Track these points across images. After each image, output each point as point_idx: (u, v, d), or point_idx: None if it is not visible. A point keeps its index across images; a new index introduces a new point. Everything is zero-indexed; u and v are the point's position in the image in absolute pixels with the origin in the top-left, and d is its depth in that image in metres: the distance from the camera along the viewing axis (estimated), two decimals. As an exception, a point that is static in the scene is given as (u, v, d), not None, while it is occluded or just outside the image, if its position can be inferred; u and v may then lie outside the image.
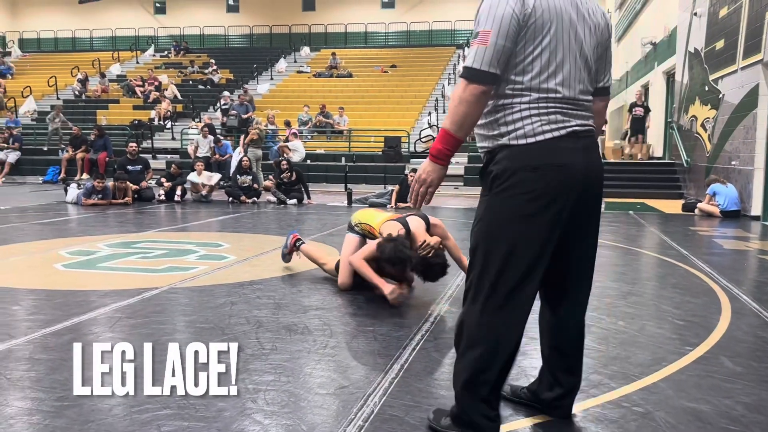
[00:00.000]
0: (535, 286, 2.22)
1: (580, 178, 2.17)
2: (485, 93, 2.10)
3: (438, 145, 2.17)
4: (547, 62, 2.11)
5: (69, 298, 4.36)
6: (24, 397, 2.65)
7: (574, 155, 2.16)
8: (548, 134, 2.12)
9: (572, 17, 2.15)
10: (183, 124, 19.70)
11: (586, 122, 2.23)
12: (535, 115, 2.12)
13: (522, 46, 2.10)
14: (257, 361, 3.08)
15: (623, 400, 2.69)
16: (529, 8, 2.07)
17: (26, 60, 29.09)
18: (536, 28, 2.09)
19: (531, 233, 2.15)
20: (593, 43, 2.23)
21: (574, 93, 2.17)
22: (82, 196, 10.99)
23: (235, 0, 33.50)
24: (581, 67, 2.19)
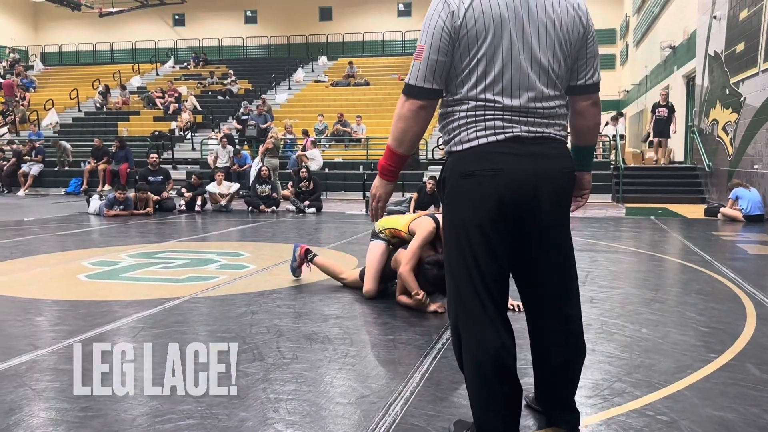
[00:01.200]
0: (490, 293, 2.12)
1: (522, 184, 2.05)
2: (423, 107, 2.10)
3: (382, 161, 2.22)
4: (483, 72, 2.05)
5: (92, 308, 4.40)
6: (49, 408, 2.68)
7: (515, 161, 2.05)
8: (482, 139, 2.07)
9: (517, 20, 2.02)
10: (203, 134, 19.88)
11: (539, 129, 2.09)
12: (472, 123, 2.08)
13: (458, 58, 2.06)
14: (278, 371, 3.09)
15: (648, 408, 2.65)
16: (459, 20, 2.01)
17: (48, 73, 29.57)
18: (469, 39, 2.03)
19: (473, 240, 2.10)
20: (554, 41, 2.06)
21: (519, 101, 2.05)
22: (104, 207, 11.12)
23: (252, 11, 33.81)
24: (531, 72, 2.05)
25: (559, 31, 2.07)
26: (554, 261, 2.21)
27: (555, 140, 2.13)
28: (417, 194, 11.50)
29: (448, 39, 2.03)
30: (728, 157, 12.26)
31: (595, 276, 5.44)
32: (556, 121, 2.13)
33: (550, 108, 2.10)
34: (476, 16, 2.01)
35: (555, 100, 2.11)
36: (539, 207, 2.10)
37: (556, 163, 2.12)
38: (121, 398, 2.77)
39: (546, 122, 2.10)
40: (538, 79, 2.06)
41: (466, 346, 2.17)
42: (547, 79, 2.08)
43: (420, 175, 15.22)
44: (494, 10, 2.01)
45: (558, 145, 2.14)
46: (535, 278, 2.23)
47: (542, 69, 2.06)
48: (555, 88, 2.11)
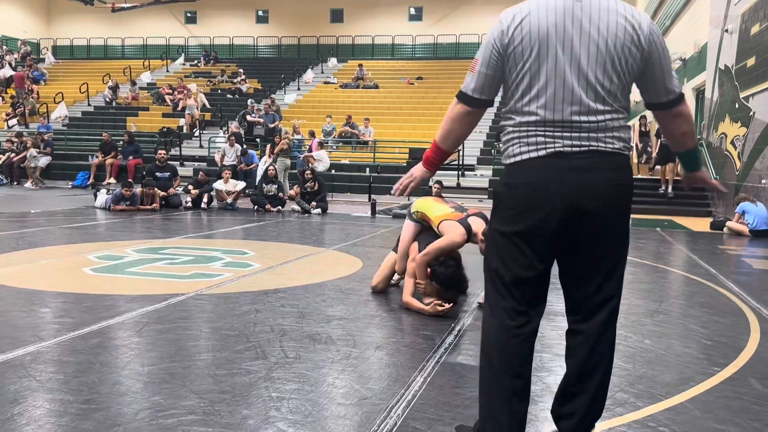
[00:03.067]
0: (515, 300, 2.21)
1: (560, 197, 2.12)
2: (468, 113, 2.32)
3: (428, 152, 2.49)
4: (528, 86, 2.15)
5: (97, 302, 4.42)
6: (52, 399, 2.69)
7: (553, 175, 2.13)
8: (525, 155, 2.18)
9: (566, 38, 2.09)
10: (211, 132, 19.94)
11: (584, 143, 2.13)
12: (516, 138, 2.21)
13: (508, 73, 2.20)
14: (281, 370, 3.10)
15: (649, 419, 2.65)
16: (507, 38, 2.15)
17: (59, 66, 29.71)
18: (516, 55, 2.15)
19: (509, 249, 2.21)
20: (605, 58, 2.11)
21: (561, 115, 2.12)
22: (110, 201, 11.16)
23: (264, 11, 33.91)
24: (577, 87, 2.10)
25: (612, 50, 2.12)
26: (600, 272, 2.23)
27: (605, 153, 2.15)
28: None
29: (497, 55, 2.19)
30: (736, 172, 12.24)
31: (599, 286, 5.44)
32: (607, 134, 2.16)
33: (598, 122, 2.14)
34: (523, 34, 2.13)
35: (605, 114, 2.15)
36: (580, 220, 2.15)
37: (602, 176, 2.15)
38: (124, 392, 2.79)
39: (593, 136, 2.14)
40: (585, 93, 2.12)
41: (482, 338, 2.29)
42: (595, 94, 2.13)
43: (426, 179, 15.23)
44: (541, 28, 2.11)
45: (608, 158, 2.16)
46: (577, 287, 2.28)
47: (589, 84, 2.12)
48: (604, 102, 2.15)
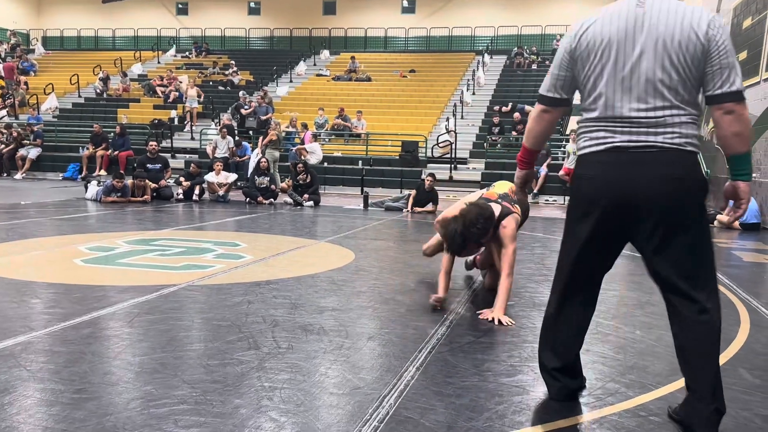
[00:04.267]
0: (577, 281, 2.57)
1: (613, 190, 2.34)
2: (545, 111, 2.55)
3: (519, 154, 2.74)
4: (592, 86, 2.38)
5: (88, 292, 4.40)
6: (43, 389, 2.68)
7: (609, 168, 2.35)
8: (588, 149, 2.43)
9: (627, 39, 2.29)
10: (202, 124, 19.84)
11: (642, 138, 2.30)
12: (584, 133, 2.46)
13: (578, 75, 2.44)
14: (273, 360, 3.09)
15: (640, 409, 2.67)
16: (575, 43, 2.41)
17: (49, 57, 29.47)
18: (582, 59, 2.40)
19: (572, 236, 2.54)
20: (663, 56, 2.26)
21: (621, 111, 2.31)
22: (101, 193, 11.11)
23: (256, 3, 33.73)
24: (636, 85, 2.29)
25: (670, 46, 2.26)
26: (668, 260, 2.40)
27: (663, 148, 2.30)
28: (415, 191, 11.51)
29: (568, 57, 2.45)
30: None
31: (590, 278, 5.47)
32: (667, 130, 2.29)
33: (657, 117, 2.29)
34: (588, 39, 2.37)
35: (665, 110, 2.29)
36: (636, 212, 2.35)
37: (656, 170, 2.30)
38: (115, 381, 2.78)
39: (652, 131, 2.30)
40: (645, 91, 2.29)
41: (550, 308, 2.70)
42: (655, 90, 2.28)
43: (419, 172, 15.24)
44: (605, 32, 2.33)
45: (666, 153, 2.29)
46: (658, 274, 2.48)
47: (648, 81, 2.28)
48: (663, 98, 2.29)
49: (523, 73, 23.76)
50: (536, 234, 8.63)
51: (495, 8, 30.42)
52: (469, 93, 21.31)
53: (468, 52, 27.72)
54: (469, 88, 21.83)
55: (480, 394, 2.76)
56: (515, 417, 2.54)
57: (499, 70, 24.39)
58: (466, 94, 20.81)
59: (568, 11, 29.12)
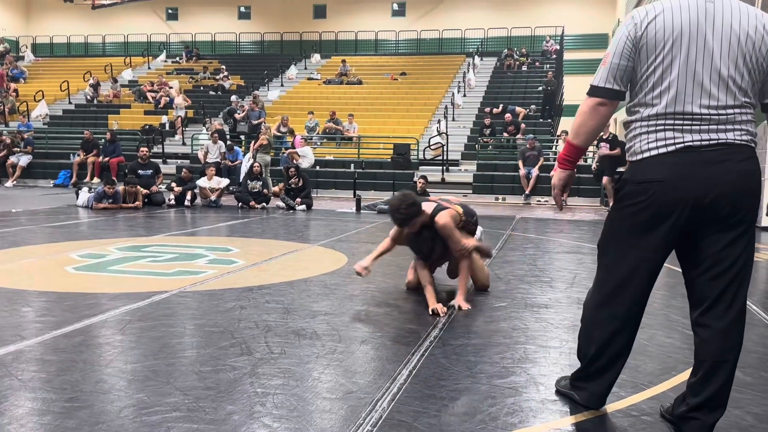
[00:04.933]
0: (634, 292, 2.41)
1: (688, 192, 2.22)
2: (601, 104, 2.34)
3: (561, 153, 2.51)
4: (659, 78, 2.24)
5: (79, 300, 4.39)
6: (35, 398, 2.67)
7: (682, 170, 2.22)
8: (653, 151, 2.27)
9: (699, 33, 2.19)
10: (194, 129, 19.80)
11: (713, 135, 2.21)
12: (644, 133, 2.29)
13: (638, 65, 2.28)
14: (266, 365, 3.09)
15: (632, 409, 2.68)
16: (640, 30, 2.25)
17: (39, 64, 29.34)
18: (648, 48, 2.24)
19: (632, 244, 2.37)
20: (737, 54, 2.20)
21: (691, 107, 2.21)
22: (92, 200, 11.06)
23: (246, 7, 33.69)
24: (707, 81, 2.19)
25: (744, 47, 2.20)
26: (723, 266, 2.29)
27: (734, 145, 2.23)
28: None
29: (631, 46, 2.27)
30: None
31: (582, 278, 5.48)
32: (736, 127, 2.23)
33: (727, 115, 2.22)
34: (657, 28, 2.23)
35: (734, 108, 2.22)
36: (709, 211, 2.24)
37: (734, 167, 2.22)
38: (107, 390, 2.77)
39: (722, 128, 2.22)
40: (717, 87, 2.21)
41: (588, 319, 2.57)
42: (726, 88, 2.21)
43: (411, 175, 15.25)
44: (675, 23, 2.21)
45: (738, 150, 2.23)
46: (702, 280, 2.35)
47: (721, 79, 2.20)
48: (735, 98, 2.22)
49: (514, 74, 23.82)
50: (529, 235, 8.65)
51: (484, 10, 30.52)
52: (460, 95, 21.33)
53: (458, 55, 27.77)
54: (460, 90, 21.87)
55: (473, 397, 2.76)
56: (508, 419, 2.55)
57: (489, 71, 24.45)
58: (457, 96, 20.84)
59: (557, 13, 29.28)
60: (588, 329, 2.56)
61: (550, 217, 11.39)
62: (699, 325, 2.36)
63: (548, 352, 3.44)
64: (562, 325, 3.97)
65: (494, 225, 9.66)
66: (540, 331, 3.83)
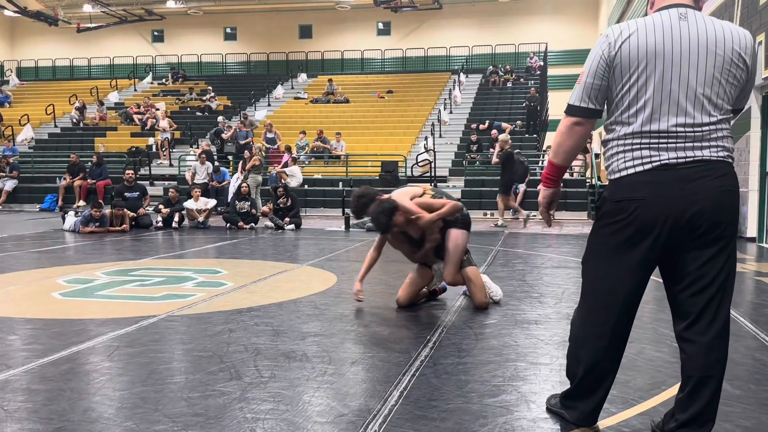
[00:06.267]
0: (619, 310, 2.42)
1: (668, 209, 2.23)
2: (577, 123, 2.38)
3: (544, 171, 2.56)
4: (635, 97, 2.26)
5: (66, 327, 4.34)
6: (21, 429, 2.63)
7: (660, 188, 2.24)
8: (631, 169, 2.29)
9: (674, 54, 2.21)
10: (181, 150, 19.77)
11: (689, 153, 2.23)
12: (621, 152, 2.31)
13: (614, 84, 2.30)
14: (256, 390, 3.07)
15: (623, 425, 2.68)
16: (614, 50, 2.27)
17: (24, 88, 29.24)
18: (623, 67, 2.26)
19: (616, 261, 2.37)
20: (713, 74, 2.22)
21: (666, 125, 2.23)
22: (79, 223, 10.99)
23: (232, 28, 33.82)
24: (683, 100, 2.22)
25: (718, 64, 2.23)
26: (703, 282, 2.30)
27: (710, 162, 2.25)
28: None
29: (604, 65, 2.29)
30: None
31: (571, 293, 5.50)
32: (712, 144, 2.26)
33: (703, 132, 2.24)
34: (631, 48, 2.24)
35: (709, 126, 2.25)
36: (689, 228, 2.26)
37: (710, 183, 2.24)
38: (95, 418, 2.74)
39: (698, 145, 2.24)
40: (692, 105, 2.23)
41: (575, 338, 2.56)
42: (702, 106, 2.24)
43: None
44: (649, 44, 2.23)
45: (714, 166, 2.25)
46: (683, 296, 2.36)
47: (696, 97, 2.23)
48: (710, 115, 2.25)
49: (499, 90, 24.01)
50: (518, 250, 8.68)
51: (469, 28, 30.80)
52: (447, 112, 21.47)
53: (444, 72, 27.98)
54: (446, 107, 22.01)
55: (464, 417, 2.75)
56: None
57: (475, 88, 24.63)
58: (444, 113, 20.97)
59: (540, 29, 29.61)
60: (575, 348, 2.55)
61: (538, 232, 11.43)
62: (683, 339, 2.37)
63: (539, 369, 3.44)
64: (552, 342, 3.97)
65: (483, 240, 9.68)
66: (530, 348, 3.83)
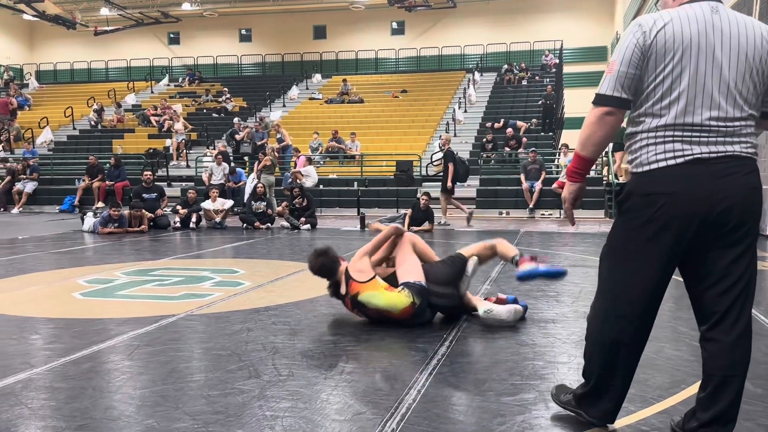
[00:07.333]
0: (641, 306, 2.36)
1: (698, 204, 2.19)
2: (608, 113, 2.28)
3: (570, 165, 2.45)
4: (668, 89, 2.21)
5: (87, 326, 4.40)
6: (45, 427, 2.67)
7: (691, 182, 2.20)
8: (661, 162, 2.23)
9: (708, 45, 2.18)
10: (197, 152, 19.91)
11: (720, 147, 2.21)
12: (651, 145, 2.25)
13: (645, 74, 2.24)
14: (274, 388, 3.09)
15: (642, 423, 2.67)
16: (649, 39, 2.20)
17: (43, 91, 29.59)
18: (657, 57, 2.20)
19: (641, 256, 2.31)
20: (745, 68, 2.21)
21: (700, 119, 2.19)
22: (98, 224, 11.11)
23: (247, 30, 34.00)
24: (716, 93, 2.19)
25: (752, 61, 2.22)
26: (729, 281, 2.28)
27: (740, 158, 2.24)
28: (411, 210, 11.54)
29: (639, 54, 2.22)
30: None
31: (588, 291, 5.47)
32: (741, 140, 2.24)
33: (734, 127, 2.22)
34: (666, 38, 2.19)
35: (740, 121, 2.23)
36: (717, 224, 2.22)
37: (741, 180, 2.23)
38: (117, 416, 2.77)
39: (729, 140, 2.22)
40: (725, 100, 2.20)
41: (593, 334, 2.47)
42: (734, 101, 2.21)
43: (414, 191, 15.28)
44: (685, 34, 2.19)
45: (744, 162, 2.24)
46: (707, 294, 2.32)
47: (729, 91, 2.20)
48: (741, 110, 2.23)
49: (514, 89, 23.93)
50: (534, 249, 8.65)
51: (483, 26, 30.72)
52: (461, 111, 21.43)
53: (458, 71, 27.93)
54: (461, 105, 21.97)
55: (482, 415, 2.76)
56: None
57: (489, 87, 24.57)
58: (458, 112, 20.93)
59: (555, 27, 29.45)
60: (593, 347, 2.50)
61: (554, 231, 11.38)
62: (707, 339, 2.34)
63: (557, 367, 3.43)
64: (569, 340, 3.96)
65: (499, 240, 9.64)
66: (548, 347, 3.83)
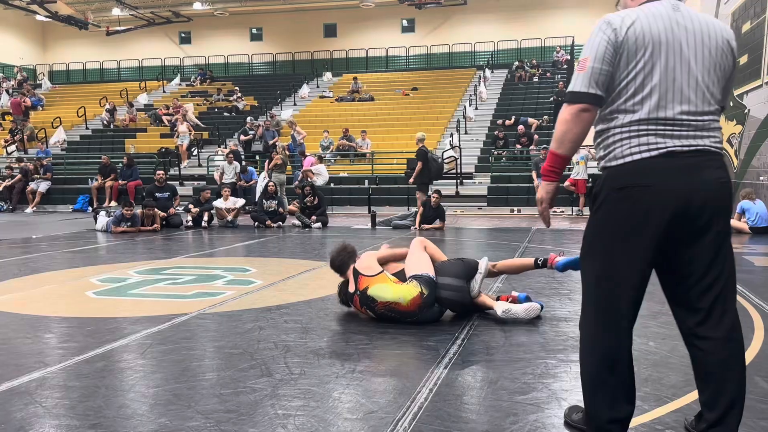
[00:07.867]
0: (625, 303, 2.30)
1: (674, 197, 2.19)
2: (583, 110, 2.26)
3: (545, 165, 2.41)
4: (641, 84, 2.22)
5: (101, 325, 4.43)
6: (59, 425, 2.69)
7: (666, 174, 2.20)
8: (636, 155, 2.22)
9: (675, 41, 2.22)
10: (209, 151, 19.99)
11: (692, 141, 2.22)
12: (626, 138, 2.24)
13: (617, 72, 2.24)
14: (286, 386, 3.10)
15: (656, 422, 2.65)
16: (621, 36, 2.21)
17: (56, 91, 29.83)
18: (629, 53, 2.21)
19: (619, 251, 2.27)
20: (709, 64, 2.25)
21: (672, 113, 2.21)
22: (111, 223, 11.18)
23: (258, 29, 34.07)
24: (686, 87, 2.22)
25: (715, 56, 2.27)
26: (709, 272, 2.27)
27: (711, 152, 2.25)
28: (422, 208, 11.53)
29: (612, 50, 2.22)
30: (734, 169, 12.26)
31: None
32: (711, 134, 2.27)
33: (704, 121, 2.25)
34: (636, 34, 2.21)
35: (709, 115, 2.26)
36: (693, 219, 2.22)
37: (712, 174, 2.23)
38: (130, 415, 2.79)
39: (700, 134, 2.24)
40: (695, 94, 2.24)
41: (588, 343, 2.36)
42: (703, 95, 2.25)
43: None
44: (653, 30, 2.21)
45: (714, 157, 2.26)
46: (685, 288, 2.33)
47: (698, 85, 2.24)
48: (709, 104, 2.26)
49: (525, 86, 23.84)
50: (546, 246, 8.61)
51: (494, 23, 30.61)
52: (472, 108, 21.38)
53: (469, 68, 27.86)
54: (472, 103, 21.91)
55: (495, 414, 2.75)
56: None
57: (500, 84, 24.49)
58: (469, 110, 20.88)
59: (566, 23, 29.27)
60: (589, 357, 2.37)
61: (566, 228, 11.33)
62: (697, 337, 2.31)
63: (569, 366, 3.41)
64: (582, 338, 3.93)
65: (511, 237, 9.63)
66: (560, 345, 3.81)
